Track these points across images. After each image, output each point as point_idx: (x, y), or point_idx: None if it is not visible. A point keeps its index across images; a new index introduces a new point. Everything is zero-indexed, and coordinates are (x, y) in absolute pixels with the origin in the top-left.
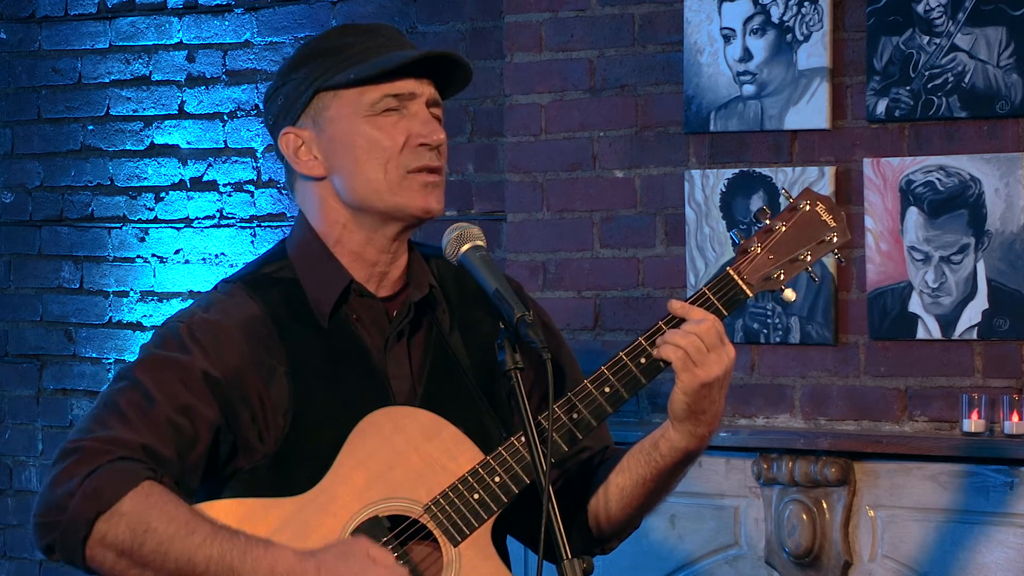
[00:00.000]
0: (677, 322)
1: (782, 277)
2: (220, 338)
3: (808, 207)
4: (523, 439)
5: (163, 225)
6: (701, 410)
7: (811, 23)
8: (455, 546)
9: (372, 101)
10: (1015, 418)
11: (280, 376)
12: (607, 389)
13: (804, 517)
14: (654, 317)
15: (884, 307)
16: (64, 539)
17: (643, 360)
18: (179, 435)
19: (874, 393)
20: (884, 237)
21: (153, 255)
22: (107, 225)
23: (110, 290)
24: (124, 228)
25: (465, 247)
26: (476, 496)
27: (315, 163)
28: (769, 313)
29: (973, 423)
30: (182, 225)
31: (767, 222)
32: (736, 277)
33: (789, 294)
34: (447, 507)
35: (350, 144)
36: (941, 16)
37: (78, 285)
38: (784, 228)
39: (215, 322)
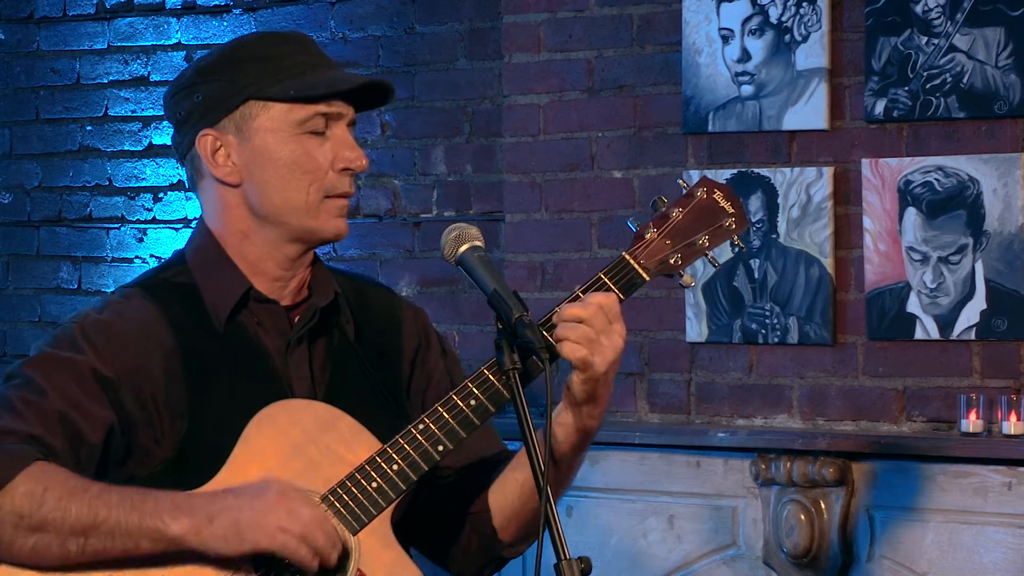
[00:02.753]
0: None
1: (680, 262)
2: (113, 339)
3: (705, 194)
4: (420, 427)
5: (161, 226)
6: (599, 393)
7: (809, 24)
8: (354, 534)
9: (302, 119)
10: (1013, 418)
11: (177, 379)
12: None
13: (802, 517)
14: (653, 317)
15: (882, 307)
16: None
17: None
18: (69, 429)
19: (872, 393)
20: (882, 237)
21: (152, 255)
22: (105, 226)
23: (108, 290)
24: (122, 229)
25: (463, 247)
26: (374, 484)
27: (232, 169)
28: (767, 313)
29: (971, 423)
30: (180, 226)
31: (664, 208)
32: (632, 261)
33: (688, 279)
34: (345, 496)
35: (274, 158)
36: (939, 16)
37: (76, 286)
38: (680, 215)
39: (109, 322)
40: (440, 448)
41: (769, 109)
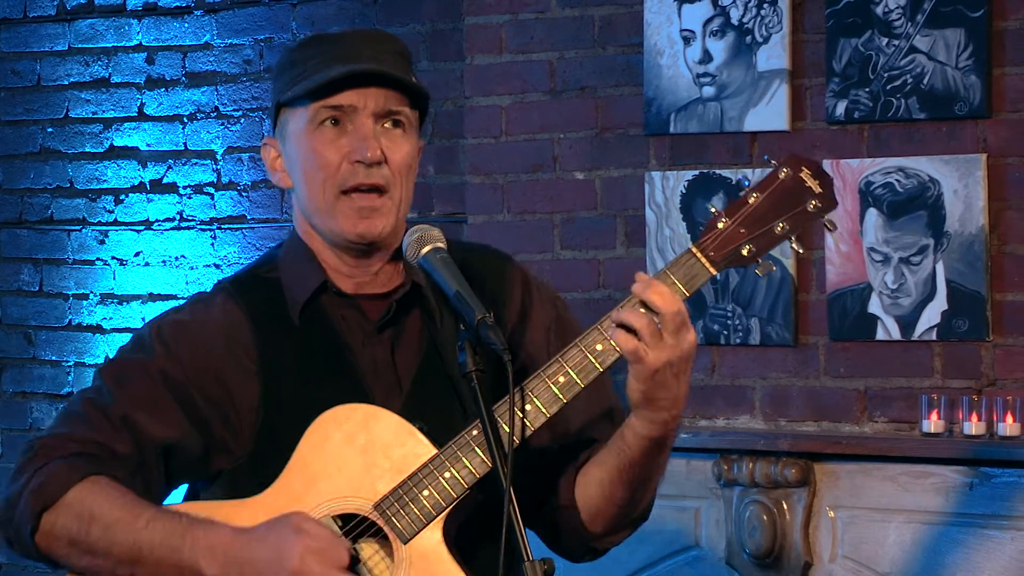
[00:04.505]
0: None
1: (753, 252)
2: (186, 338)
3: (790, 173)
4: (474, 432)
5: (123, 227)
6: (656, 396)
7: (770, 25)
8: (405, 543)
9: (312, 116)
10: (974, 419)
11: (251, 375)
12: (561, 379)
13: (764, 518)
14: None
15: (844, 308)
16: (17, 534)
17: (599, 347)
18: (135, 432)
19: (834, 394)
20: (843, 238)
21: (113, 257)
22: (66, 227)
23: (70, 292)
24: (84, 230)
25: (426, 249)
26: (426, 492)
27: (284, 175)
28: (729, 315)
29: (932, 424)
30: (142, 227)
31: (742, 194)
32: (699, 254)
33: (765, 267)
34: (396, 504)
35: (298, 160)
36: (900, 18)
37: (37, 288)
38: (758, 199)
39: (184, 323)
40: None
41: (731, 110)
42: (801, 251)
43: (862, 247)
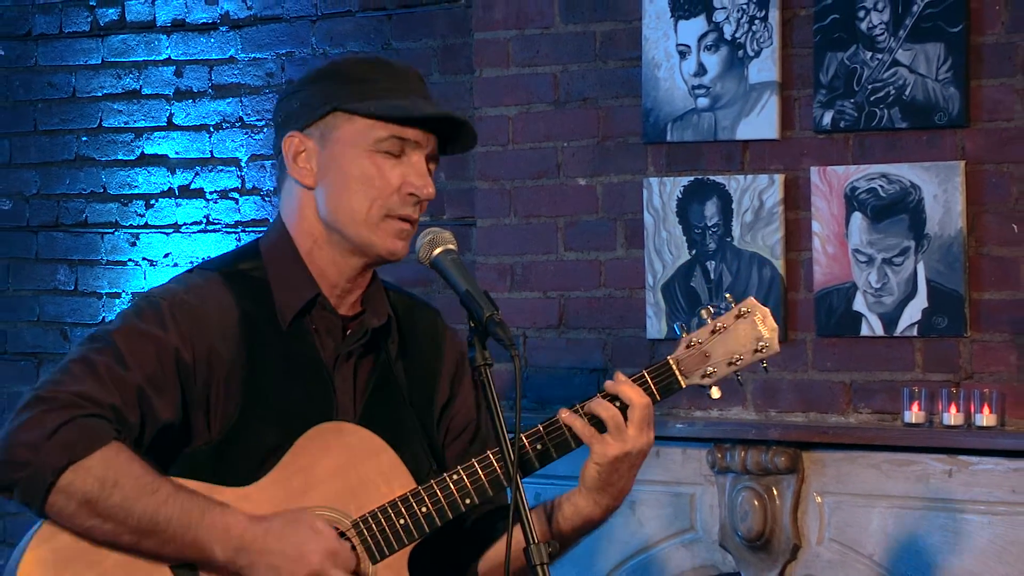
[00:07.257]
0: (611, 397)
1: (714, 376)
2: (196, 322)
3: (748, 314)
4: (455, 477)
5: (153, 231)
6: (609, 482)
7: (761, 40)
8: (374, 563)
9: (379, 138)
10: (953, 410)
11: (238, 369)
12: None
13: (756, 503)
14: (615, 316)
15: (830, 306)
16: (29, 481)
17: (556, 435)
18: (144, 405)
19: (821, 387)
20: (830, 240)
21: (144, 259)
22: (100, 231)
23: (103, 292)
24: (116, 233)
25: (437, 250)
26: (402, 521)
27: (308, 172)
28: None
29: (914, 415)
30: (171, 231)
31: (709, 320)
32: (675, 368)
33: (715, 392)
34: (374, 526)
35: (346, 169)
36: (883, 33)
37: (73, 287)
38: (725, 330)
39: (194, 305)
40: (467, 501)
41: (724, 120)
42: (742, 383)
43: (847, 249)
